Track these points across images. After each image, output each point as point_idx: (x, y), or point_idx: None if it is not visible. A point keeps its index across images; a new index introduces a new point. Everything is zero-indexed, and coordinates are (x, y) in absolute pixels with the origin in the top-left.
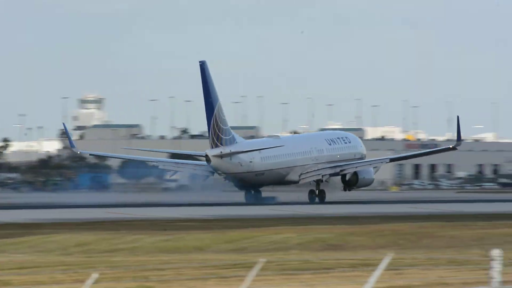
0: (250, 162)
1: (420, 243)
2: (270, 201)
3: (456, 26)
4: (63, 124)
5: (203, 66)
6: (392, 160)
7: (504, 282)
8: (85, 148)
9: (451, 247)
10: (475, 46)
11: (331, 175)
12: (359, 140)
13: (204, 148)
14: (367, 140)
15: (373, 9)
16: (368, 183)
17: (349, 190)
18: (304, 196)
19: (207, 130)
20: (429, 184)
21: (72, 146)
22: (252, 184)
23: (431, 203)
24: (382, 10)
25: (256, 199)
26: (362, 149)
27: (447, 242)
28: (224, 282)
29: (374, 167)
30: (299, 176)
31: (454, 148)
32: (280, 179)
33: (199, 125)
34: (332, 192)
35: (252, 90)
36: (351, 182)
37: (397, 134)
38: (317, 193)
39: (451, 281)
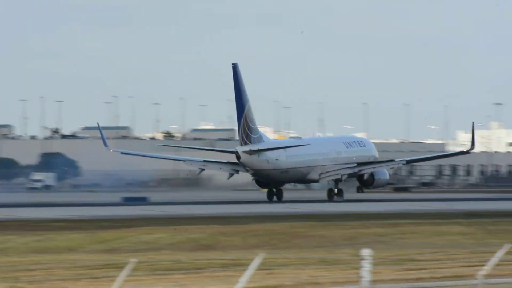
0: (276, 159)
1: (292, 243)
2: (142, 202)
3: (326, 30)
4: (98, 124)
5: (235, 68)
6: (408, 162)
7: (373, 282)
8: None
9: (322, 246)
10: (344, 49)
11: (350, 175)
12: (372, 144)
13: (78, 147)
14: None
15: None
16: (383, 184)
17: (362, 191)
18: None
19: (79, 130)
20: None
21: (106, 145)
22: (276, 182)
23: (304, 203)
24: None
25: (278, 197)
26: (375, 152)
27: (319, 241)
28: (96, 282)
29: (391, 168)
30: (319, 175)
31: (467, 152)
32: (302, 178)
33: (71, 125)
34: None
35: (124, 90)
36: (368, 183)
37: (269, 134)
38: (336, 192)
39: (322, 280)
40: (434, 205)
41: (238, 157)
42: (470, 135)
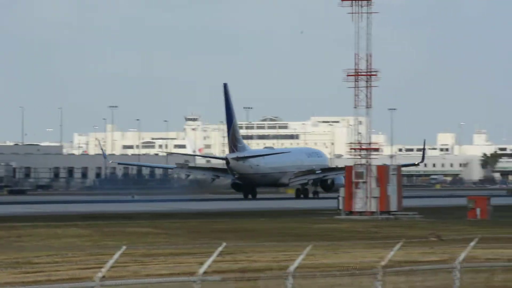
0: (257, 165)
1: None
2: None
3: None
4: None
5: (226, 88)
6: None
7: None
8: None
9: None
10: None
11: (315, 179)
12: (326, 154)
13: None
14: None
15: None
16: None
17: (317, 195)
18: None
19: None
20: None
21: (104, 156)
22: (256, 185)
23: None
24: None
25: (253, 198)
26: (328, 161)
27: None
28: None
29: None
30: (289, 180)
31: (417, 164)
32: (275, 181)
33: None
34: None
35: None
36: (329, 187)
37: None
38: (302, 192)
39: None
40: (50, 207)
41: (227, 163)
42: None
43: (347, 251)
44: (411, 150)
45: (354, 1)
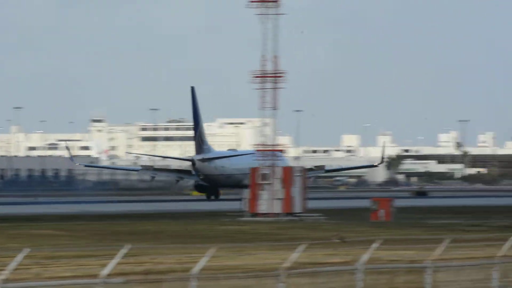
0: (222, 167)
1: None
2: None
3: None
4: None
5: (193, 91)
6: (327, 171)
7: None
8: None
9: None
10: None
11: None
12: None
13: None
14: None
15: None
16: None
17: None
18: None
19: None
20: None
21: (72, 159)
22: (220, 186)
23: None
24: None
25: (216, 196)
26: (288, 163)
27: None
28: None
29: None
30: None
31: (377, 166)
32: (238, 183)
33: None
34: None
35: None
36: None
37: None
38: None
39: None
40: None
41: (193, 164)
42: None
43: (251, 253)
44: (316, 151)
45: (261, 3)
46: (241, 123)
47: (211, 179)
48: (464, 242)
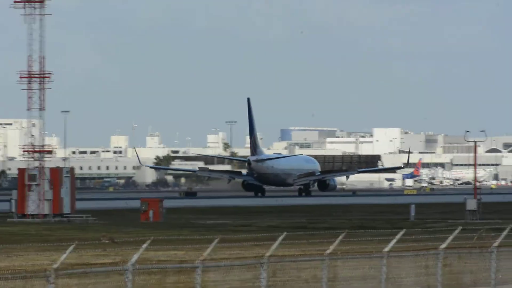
0: (272, 167)
1: None
2: None
3: None
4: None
5: (249, 102)
6: (359, 172)
7: None
8: None
9: None
10: None
11: (315, 181)
12: (316, 161)
13: None
14: None
15: None
16: (334, 188)
17: (307, 193)
18: None
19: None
20: None
21: (139, 162)
22: (269, 183)
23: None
24: None
25: (262, 194)
26: (319, 166)
27: None
28: None
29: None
30: (293, 180)
31: (401, 168)
32: (283, 182)
33: None
34: None
35: None
36: (327, 187)
37: None
38: (304, 191)
39: None
40: None
41: (249, 164)
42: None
43: (20, 254)
44: (85, 152)
45: (27, 3)
46: (8, 124)
47: (263, 177)
48: (233, 242)
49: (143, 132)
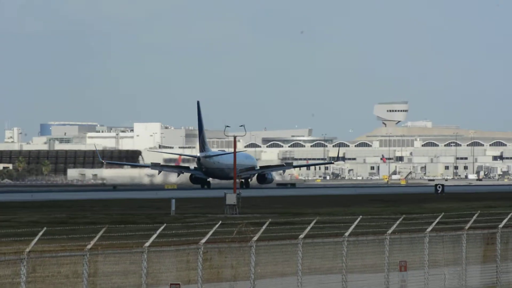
0: (218, 162)
1: None
2: None
3: None
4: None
5: (198, 105)
6: (294, 166)
7: None
8: None
9: None
10: None
11: (256, 175)
12: (254, 157)
13: None
14: None
15: None
16: (271, 181)
17: (247, 185)
18: None
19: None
20: None
21: (99, 159)
22: (216, 176)
23: None
24: None
25: (208, 187)
26: (256, 162)
27: None
28: None
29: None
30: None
31: (331, 162)
32: (227, 175)
33: None
34: None
35: None
36: (265, 180)
37: None
38: (244, 183)
39: None
40: None
41: (198, 159)
42: None
43: None
44: None
45: None
46: None
47: (211, 171)
48: None
49: None
